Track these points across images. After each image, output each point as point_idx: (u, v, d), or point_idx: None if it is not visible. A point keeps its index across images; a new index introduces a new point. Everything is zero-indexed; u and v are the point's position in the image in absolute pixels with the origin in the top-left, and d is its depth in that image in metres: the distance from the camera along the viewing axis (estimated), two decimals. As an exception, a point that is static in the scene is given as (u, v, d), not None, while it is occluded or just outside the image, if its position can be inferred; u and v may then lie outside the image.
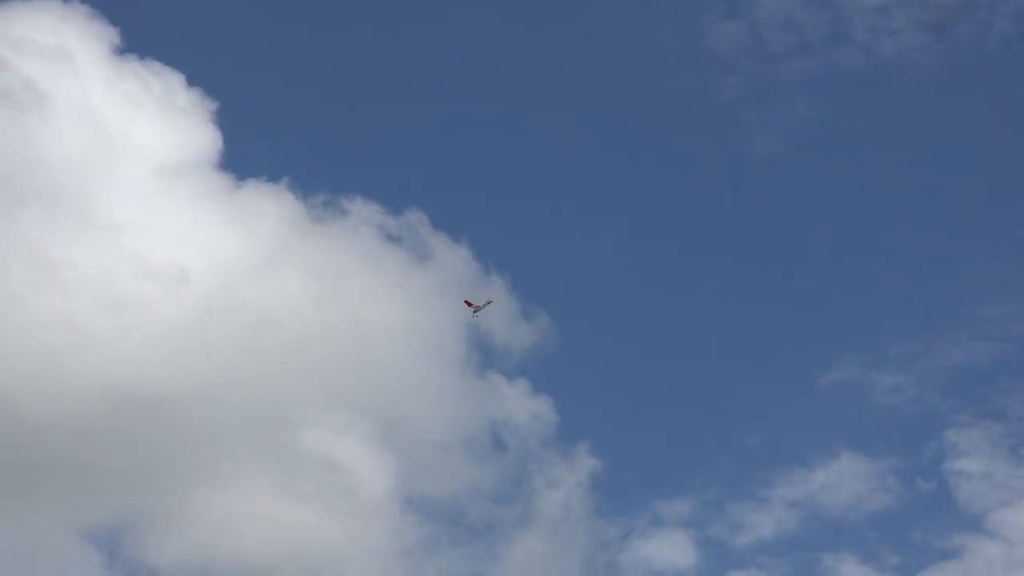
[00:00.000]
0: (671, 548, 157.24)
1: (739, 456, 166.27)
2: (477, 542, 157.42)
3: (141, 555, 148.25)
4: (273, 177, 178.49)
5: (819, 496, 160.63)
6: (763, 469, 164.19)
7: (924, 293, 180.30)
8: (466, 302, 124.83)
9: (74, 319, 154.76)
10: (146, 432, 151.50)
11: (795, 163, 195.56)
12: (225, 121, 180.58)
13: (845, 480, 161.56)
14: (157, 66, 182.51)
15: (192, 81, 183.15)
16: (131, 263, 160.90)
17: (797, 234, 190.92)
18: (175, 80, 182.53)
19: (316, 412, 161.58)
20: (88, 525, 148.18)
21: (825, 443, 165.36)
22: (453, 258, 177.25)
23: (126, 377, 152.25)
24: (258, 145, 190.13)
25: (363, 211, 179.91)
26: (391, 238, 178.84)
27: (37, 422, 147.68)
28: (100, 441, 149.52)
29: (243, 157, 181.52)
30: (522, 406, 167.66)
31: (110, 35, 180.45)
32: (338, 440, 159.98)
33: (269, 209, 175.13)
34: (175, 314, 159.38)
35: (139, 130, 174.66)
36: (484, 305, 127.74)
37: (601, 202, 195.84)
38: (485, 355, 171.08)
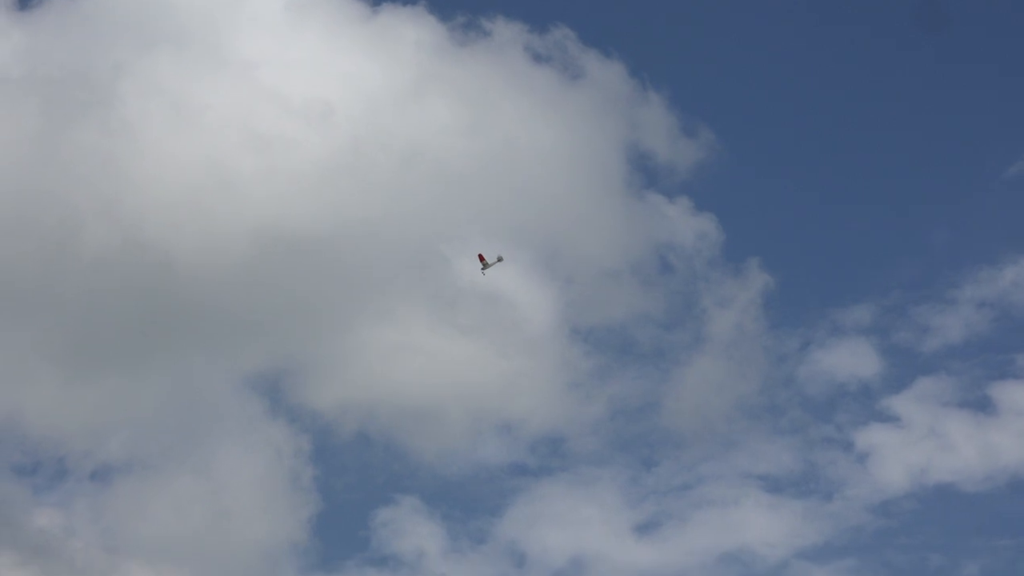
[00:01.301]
0: (853, 357, 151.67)
1: (922, 257, 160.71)
2: (649, 369, 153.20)
3: (303, 400, 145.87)
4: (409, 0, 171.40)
5: (1009, 294, 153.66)
6: (948, 269, 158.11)
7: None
8: (479, 255, 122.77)
9: (217, 162, 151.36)
10: (298, 273, 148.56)
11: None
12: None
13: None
14: None
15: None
16: (271, 100, 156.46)
17: (973, 23, 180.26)
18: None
19: (473, 245, 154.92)
20: (246, 372, 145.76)
21: (1013, 239, 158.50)
22: (607, 75, 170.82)
23: (274, 218, 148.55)
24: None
25: (506, 31, 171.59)
26: (539, 58, 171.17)
27: (187, 269, 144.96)
28: (251, 284, 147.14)
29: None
30: (686, 226, 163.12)
31: None
32: (498, 272, 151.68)
33: (408, 34, 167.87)
34: (321, 150, 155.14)
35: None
36: (494, 263, 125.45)
37: (759, 3, 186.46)
38: (646, 175, 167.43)
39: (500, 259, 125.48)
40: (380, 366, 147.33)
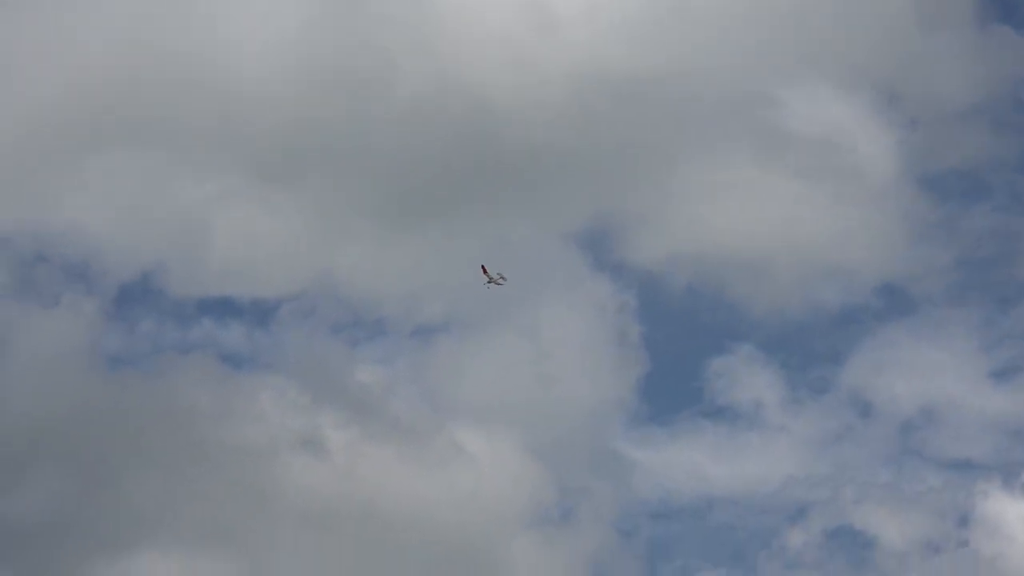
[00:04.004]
0: None
1: None
2: (1008, 221, 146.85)
3: (626, 254, 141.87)
4: None
5: None
6: None
7: None
8: (482, 267, 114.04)
9: (537, 2, 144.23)
10: (620, 116, 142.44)
11: None
12: None
13: None
14: None
15: None
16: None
17: None
18: None
19: (805, 85, 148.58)
20: (567, 225, 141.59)
21: None
22: None
23: (595, 59, 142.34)
24: None
25: None
26: None
27: (504, 112, 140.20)
28: (571, 128, 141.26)
29: None
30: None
31: None
32: (832, 115, 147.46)
33: None
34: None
35: None
36: (496, 280, 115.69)
37: None
38: (998, 5, 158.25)
39: (503, 278, 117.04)
40: (706, 214, 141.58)
